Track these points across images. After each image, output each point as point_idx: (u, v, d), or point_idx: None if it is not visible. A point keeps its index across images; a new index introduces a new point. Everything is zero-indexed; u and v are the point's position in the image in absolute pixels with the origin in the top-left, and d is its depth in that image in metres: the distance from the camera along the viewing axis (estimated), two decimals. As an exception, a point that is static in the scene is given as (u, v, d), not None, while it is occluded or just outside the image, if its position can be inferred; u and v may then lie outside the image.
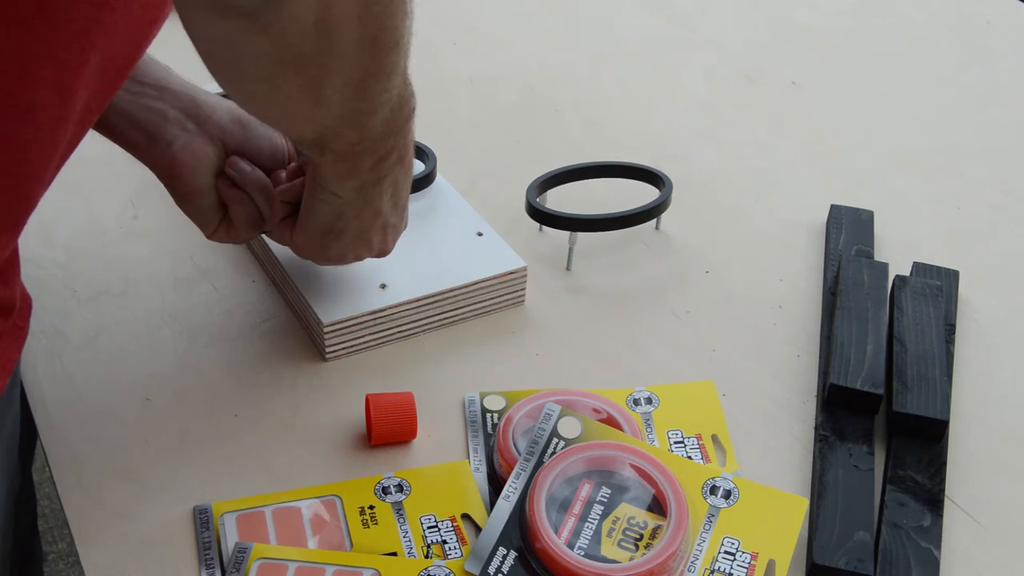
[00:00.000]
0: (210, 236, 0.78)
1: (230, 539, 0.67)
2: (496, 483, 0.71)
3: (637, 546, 0.66)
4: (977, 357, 0.84)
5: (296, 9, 0.53)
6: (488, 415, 0.76)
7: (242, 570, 0.65)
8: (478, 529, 0.68)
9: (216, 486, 0.71)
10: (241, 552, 0.65)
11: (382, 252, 0.78)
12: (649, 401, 0.77)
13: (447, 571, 0.65)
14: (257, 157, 0.77)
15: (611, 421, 0.74)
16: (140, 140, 0.75)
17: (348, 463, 0.73)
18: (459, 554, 0.67)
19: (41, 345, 0.81)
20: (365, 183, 0.70)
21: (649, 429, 0.75)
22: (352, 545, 0.67)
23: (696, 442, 0.74)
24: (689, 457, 0.73)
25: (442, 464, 0.73)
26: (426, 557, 0.66)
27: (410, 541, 0.67)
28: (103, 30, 0.58)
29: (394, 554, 0.66)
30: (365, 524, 0.68)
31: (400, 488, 0.71)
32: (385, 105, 0.64)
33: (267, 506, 0.69)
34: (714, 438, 0.75)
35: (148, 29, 0.63)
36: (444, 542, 0.67)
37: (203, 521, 0.68)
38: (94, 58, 0.59)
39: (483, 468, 0.72)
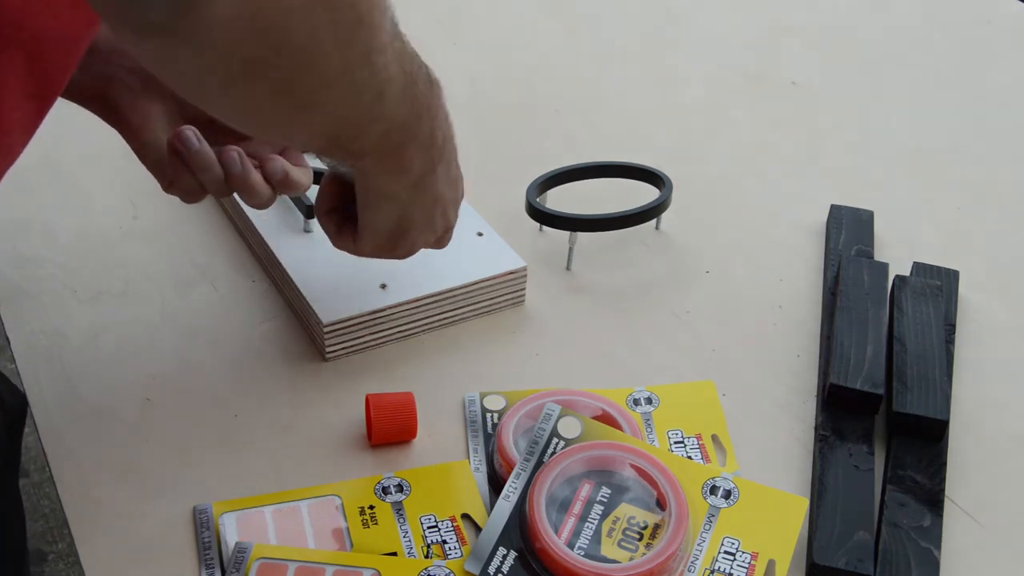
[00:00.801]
0: (165, 190, 0.75)
1: (230, 539, 0.67)
2: (496, 483, 0.71)
3: (637, 546, 0.66)
4: (977, 357, 0.84)
5: (215, 15, 0.48)
6: (488, 415, 0.76)
7: (242, 570, 0.64)
8: (478, 529, 0.68)
9: (216, 486, 0.71)
10: (241, 552, 0.65)
11: (447, 228, 0.75)
12: (649, 401, 0.77)
13: (447, 571, 0.65)
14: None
15: (609, 420, 0.74)
16: (91, 106, 0.74)
17: (348, 463, 0.73)
18: (459, 554, 0.67)
19: (41, 345, 0.81)
20: (421, 176, 0.67)
21: (649, 429, 0.75)
22: (352, 545, 0.67)
23: (696, 442, 0.74)
24: (689, 457, 0.73)
25: (442, 464, 0.73)
26: (426, 557, 0.66)
27: (410, 541, 0.67)
28: (28, 34, 0.57)
29: (394, 554, 0.67)
30: (365, 524, 0.68)
31: (400, 488, 0.71)
32: (388, 86, 0.59)
33: (267, 506, 0.69)
34: (714, 438, 0.75)
35: (83, 32, 0.61)
36: (444, 542, 0.67)
37: (203, 521, 0.68)
38: (21, 61, 0.58)
39: (483, 468, 0.72)
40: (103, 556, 0.66)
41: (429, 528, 0.68)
